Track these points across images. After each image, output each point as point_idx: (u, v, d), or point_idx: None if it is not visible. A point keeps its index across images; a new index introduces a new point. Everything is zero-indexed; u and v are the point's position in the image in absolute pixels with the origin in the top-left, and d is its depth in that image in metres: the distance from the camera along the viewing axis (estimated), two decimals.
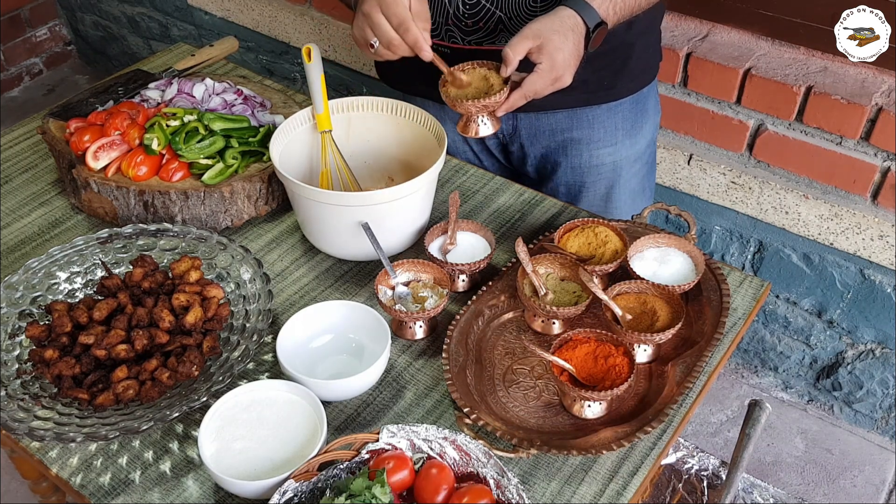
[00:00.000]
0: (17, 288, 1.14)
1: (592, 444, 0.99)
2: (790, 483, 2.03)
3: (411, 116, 1.33)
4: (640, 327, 1.11)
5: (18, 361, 1.08)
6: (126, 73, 1.58)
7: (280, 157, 1.26)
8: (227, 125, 1.35)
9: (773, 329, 2.14)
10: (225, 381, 1.02)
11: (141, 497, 0.98)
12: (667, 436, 1.05)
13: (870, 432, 2.13)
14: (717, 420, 2.18)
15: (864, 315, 1.96)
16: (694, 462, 1.73)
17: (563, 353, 1.07)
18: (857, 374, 2.06)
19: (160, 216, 1.29)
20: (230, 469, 0.95)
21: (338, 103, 1.34)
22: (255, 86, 1.54)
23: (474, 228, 1.27)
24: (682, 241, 1.22)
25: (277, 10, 2.47)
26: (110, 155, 1.31)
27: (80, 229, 1.35)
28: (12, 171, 1.47)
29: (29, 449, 1.03)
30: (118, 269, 1.21)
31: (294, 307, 1.21)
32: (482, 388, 1.08)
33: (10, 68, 3.34)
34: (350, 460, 0.95)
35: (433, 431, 0.96)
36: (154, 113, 1.38)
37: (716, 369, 1.13)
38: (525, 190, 1.44)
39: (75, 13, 3.35)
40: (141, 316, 1.10)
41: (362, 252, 1.24)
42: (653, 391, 1.08)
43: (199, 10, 2.76)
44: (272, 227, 1.36)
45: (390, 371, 1.13)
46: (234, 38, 1.73)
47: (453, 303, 1.22)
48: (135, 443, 1.04)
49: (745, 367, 2.28)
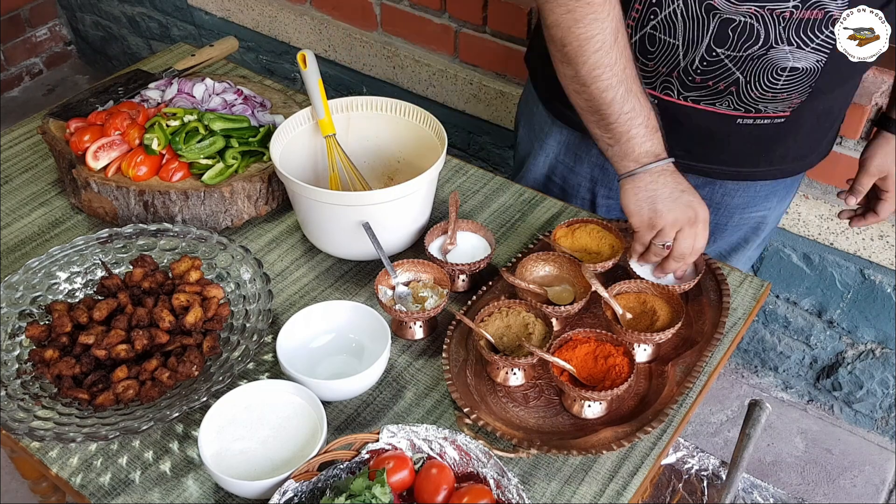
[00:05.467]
0: (17, 288, 1.14)
1: (592, 444, 0.99)
2: (790, 483, 2.03)
3: (411, 116, 1.33)
4: (639, 327, 1.11)
5: (18, 361, 1.08)
6: (126, 73, 1.58)
7: (280, 157, 1.25)
8: (227, 125, 1.35)
9: (773, 329, 2.14)
10: (225, 381, 1.02)
11: (141, 497, 0.98)
12: (667, 436, 1.04)
13: (870, 432, 2.13)
14: (717, 420, 2.18)
15: (864, 315, 1.96)
16: (694, 462, 1.73)
17: (563, 353, 1.07)
18: (857, 374, 2.05)
19: (160, 216, 1.29)
20: (230, 469, 0.95)
21: (338, 103, 1.34)
22: (255, 86, 1.54)
23: (474, 228, 1.27)
24: None
25: (277, 10, 2.47)
26: (110, 155, 1.31)
27: (80, 229, 1.35)
28: (12, 171, 1.47)
29: (29, 449, 1.03)
30: (118, 269, 1.21)
31: (294, 307, 1.21)
32: (482, 388, 1.08)
33: (10, 68, 3.34)
34: (350, 460, 0.95)
35: (433, 431, 0.96)
36: (154, 113, 1.38)
37: (716, 369, 1.13)
38: (525, 190, 1.44)
39: (75, 13, 3.35)
40: (141, 316, 1.10)
41: (362, 252, 1.23)
42: (653, 391, 1.08)
43: (199, 10, 2.76)
44: (272, 227, 1.36)
45: (390, 371, 1.13)
46: (234, 38, 1.73)
47: (453, 303, 1.22)
48: (135, 443, 1.04)
49: (745, 367, 2.28)
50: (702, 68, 1.13)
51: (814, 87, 1.13)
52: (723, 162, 1.28)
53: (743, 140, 1.23)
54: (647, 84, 1.19)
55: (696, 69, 1.13)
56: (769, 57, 1.09)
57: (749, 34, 1.07)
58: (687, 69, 1.14)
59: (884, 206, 1.32)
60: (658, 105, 1.17)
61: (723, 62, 1.11)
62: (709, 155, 1.27)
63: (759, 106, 1.16)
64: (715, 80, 1.14)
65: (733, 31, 1.07)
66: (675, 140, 1.21)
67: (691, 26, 1.09)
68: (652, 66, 1.17)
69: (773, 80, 1.11)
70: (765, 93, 1.13)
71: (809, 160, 1.33)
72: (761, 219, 1.40)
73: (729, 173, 1.30)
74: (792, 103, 1.16)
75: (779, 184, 1.35)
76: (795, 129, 1.22)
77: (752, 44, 1.08)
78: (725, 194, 1.35)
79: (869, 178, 1.29)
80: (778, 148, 1.25)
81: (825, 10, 1.03)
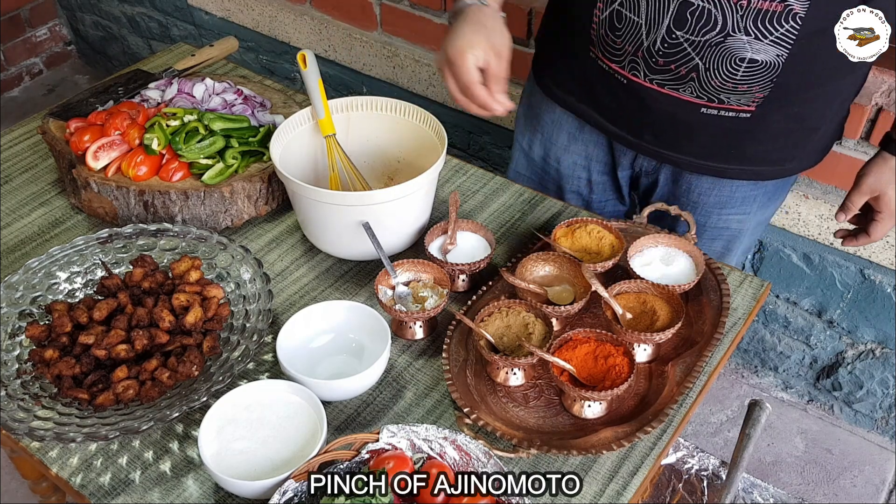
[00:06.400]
0: (17, 288, 1.14)
1: (592, 444, 0.99)
2: (790, 483, 2.03)
3: (411, 116, 1.33)
4: (639, 327, 1.11)
5: (18, 361, 1.08)
6: (126, 73, 1.58)
7: (280, 157, 1.25)
8: (227, 125, 1.35)
9: (773, 329, 2.14)
10: (225, 381, 1.02)
11: (141, 497, 0.98)
12: (667, 436, 1.04)
13: (870, 432, 2.13)
14: (717, 420, 2.18)
15: (864, 315, 1.96)
16: (694, 462, 1.73)
17: (563, 353, 1.07)
18: (857, 374, 2.06)
19: (160, 216, 1.29)
20: (230, 469, 0.94)
21: (338, 103, 1.34)
22: (255, 86, 1.54)
23: (474, 228, 1.27)
24: (682, 241, 1.22)
25: (277, 10, 2.47)
26: (110, 155, 1.31)
27: (80, 229, 1.35)
28: (12, 171, 1.47)
29: (29, 449, 1.03)
30: (118, 269, 1.21)
31: (294, 307, 1.21)
32: (482, 388, 1.08)
33: (10, 68, 3.34)
34: (350, 460, 0.95)
35: (433, 431, 0.96)
36: (154, 113, 1.38)
37: (716, 369, 1.13)
38: (525, 190, 1.44)
39: (75, 13, 3.35)
40: (141, 316, 1.10)
41: (362, 252, 1.23)
42: (653, 391, 1.08)
43: (199, 10, 2.76)
44: (272, 227, 1.36)
45: (390, 371, 1.13)
46: (234, 38, 1.73)
47: (453, 303, 1.22)
48: (135, 443, 1.04)
49: (745, 367, 2.28)
50: (664, 50, 1.15)
51: (776, 83, 1.14)
52: (691, 153, 1.28)
53: (709, 132, 1.24)
54: (616, 62, 1.23)
55: (658, 51, 1.16)
56: (727, 45, 1.10)
57: (707, 19, 1.09)
58: (650, 50, 1.16)
59: (876, 227, 1.29)
60: (627, 86, 1.24)
61: (682, 46, 1.13)
62: (678, 143, 1.28)
63: (721, 96, 1.17)
64: (676, 63, 1.16)
65: (692, 15, 1.10)
66: (645, 124, 1.26)
67: (654, 6, 1.12)
68: (620, 44, 1.20)
69: (733, 70, 1.13)
70: (725, 82, 1.14)
71: (788, 167, 1.32)
72: (739, 223, 1.39)
73: (698, 166, 1.30)
74: (755, 97, 1.16)
75: (757, 188, 1.34)
76: (764, 128, 1.22)
77: (710, 29, 1.10)
78: (702, 193, 1.36)
79: (860, 196, 1.27)
80: (748, 146, 1.25)
81: (785, 4, 1.04)
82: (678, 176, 1.36)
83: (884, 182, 1.24)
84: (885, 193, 1.25)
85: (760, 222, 1.43)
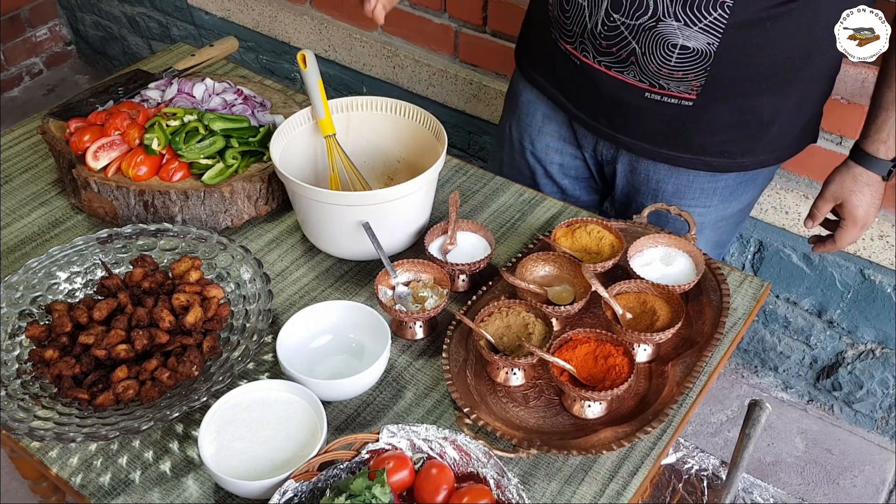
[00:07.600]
0: (17, 288, 1.14)
1: (592, 444, 0.99)
2: (790, 483, 2.03)
3: (411, 116, 1.33)
4: (639, 327, 1.11)
5: (18, 361, 1.08)
6: (126, 73, 1.58)
7: (280, 157, 1.25)
8: (227, 125, 1.35)
9: (773, 329, 2.14)
10: (225, 381, 1.02)
11: (141, 497, 0.98)
12: (667, 436, 1.04)
13: (870, 432, 2.13)
14: (717, 420, 2.18)
15: (864, 315, 1.96)
16: (694, 462, 1.73)
17: (563, 353, 1.07)
18: (857, 374, 2.05)
19: (160, 216, 1.29)
20: (230, 469, 0.94)
21: (338, 103, 1.34)
22: (255, 86, 1.54)
23: (474, 228, 1.27)
24: (682, 241, 1.22)
25: (277, 10, 2.47)
26: (110, 155, 1.31)
27: (80, 229, 1.35)
28: (12, 171, 1.47)
29: (29, 449, 1.03)
30: (118, 269, 1.21)
31: (294, 307, 1.21)
32: (482, 388, 1.08)
33: (10, 68, 3.34)
34: (350, 460, 0.95)
35: (433, 431, 0.96)
36: (154, 113, 1.38)
37: (716, 369, 1.13)
38: (525, 190, 1.44)
39: (75, 13, 3.35)
40: (141, 316, 1.10)
41: (362, 252, 1.24)
42: (653, 391, 1.08)
43: (199, 10, 2.76)
44: (272, 227, 1.36)
45: (390, 371, 1.13)
46: (234, 38, 1.73)
47: (453, 303, 1.22)
48: (135, 443, 1.04)
49: (745, 367, 2.28)
50: (604, 33, 1.20)
51: (710, 72, 1.16)
52: (643, 138, 1.31)
53: (655, 117, 1.26)
54: (570, 43, 1.28)
55: (599, 33, 1.20)
56: (659, 30, 1.14)
57: (640, 4, 1.13)
58: (593, 32, 1.21)
59: (840, 235, 1.31)
60: (580, 67, 1.29)
61: (620, 29, 1.18)
62: (627, 126, 1.30)
63: (660, 81, 1.20)
64: (617, 47, 1.20)
65: None
66: (599, 107, 1.30)
67: None
68: (570, 25, 1.25)
69: (666, 55, 1.16)
70: (661, 67, 1.17)
71: (743, 161, 1.30)
72: (701, 216, 1.39)
73: (652, 152, 1.32)
74: (692, 86, 1.19)
75: (716, 181, 1.34)
76: (710, 118, 1.23)
77: (643, 13, 1.14)
78: (660, 181, 1.37)
79: (824, 203, 1.29)
80: (693, 135, 1.26)
81: None
82: (636, 164, 1.38)
83: (846, 190, 1.26)
84: (847, 201, 1.27)
85: (724, 218, 1.42)
